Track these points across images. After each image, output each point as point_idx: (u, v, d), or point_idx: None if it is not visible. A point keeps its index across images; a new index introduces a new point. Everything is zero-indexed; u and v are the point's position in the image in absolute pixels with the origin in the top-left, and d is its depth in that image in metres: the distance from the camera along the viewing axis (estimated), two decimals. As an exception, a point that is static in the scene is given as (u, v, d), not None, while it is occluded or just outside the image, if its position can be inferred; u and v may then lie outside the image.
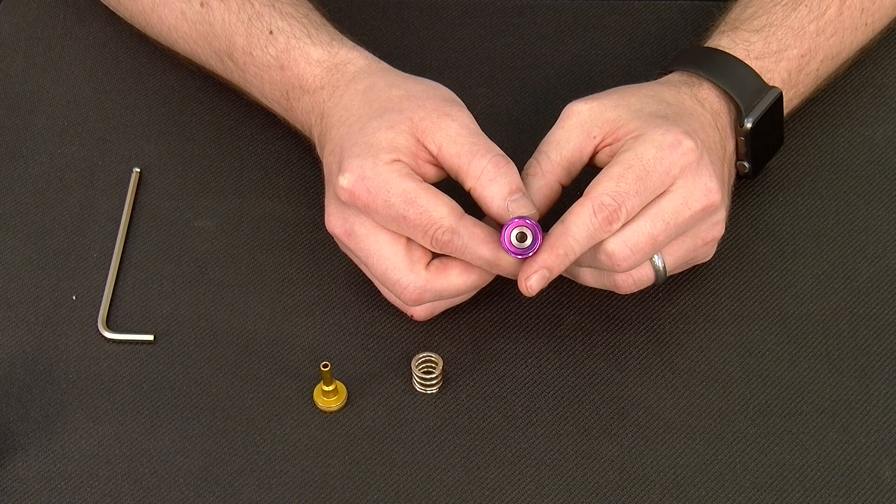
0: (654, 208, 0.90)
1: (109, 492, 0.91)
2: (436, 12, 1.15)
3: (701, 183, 0.91)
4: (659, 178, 0.90)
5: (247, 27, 1.01)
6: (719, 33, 1.01)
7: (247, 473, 0.92)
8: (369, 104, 0.95)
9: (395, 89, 0.95)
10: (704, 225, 0.93)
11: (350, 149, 0.92)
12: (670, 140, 0.90)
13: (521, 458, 0.92)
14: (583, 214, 0.89)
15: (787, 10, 1.01)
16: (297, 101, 1.00)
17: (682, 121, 0.93)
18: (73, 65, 1.13)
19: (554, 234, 0.90)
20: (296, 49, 0.99)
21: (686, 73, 0.98)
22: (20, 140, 1.08)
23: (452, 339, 0.97)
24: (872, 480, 0.90)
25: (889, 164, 1.05)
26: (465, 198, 0.92)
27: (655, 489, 0.90)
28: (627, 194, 0.89)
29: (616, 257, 0.90)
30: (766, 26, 1.00)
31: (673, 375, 0.95)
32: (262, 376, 0.96)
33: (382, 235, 0.92)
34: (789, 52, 1.00)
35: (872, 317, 0.97)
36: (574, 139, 0.93)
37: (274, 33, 1.00)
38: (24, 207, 1.05)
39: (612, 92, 0.96)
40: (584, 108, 0.94)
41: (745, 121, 0.97)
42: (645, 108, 0.93)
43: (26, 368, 0.96)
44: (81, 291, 1.00)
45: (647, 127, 0.91)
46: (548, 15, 1.15)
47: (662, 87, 0.97)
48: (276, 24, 1.00)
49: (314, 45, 0.99)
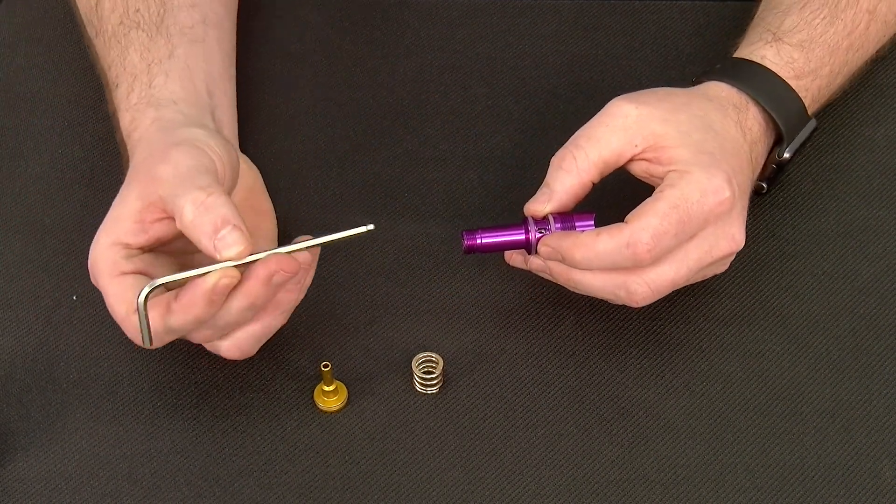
0: (681, 253, 0.90)
1: (109, 492, 0.91)
2: (436, 12, 1.15)
3: (728, 233, 0.91)
4: (696, 225, 0.90)
5: (108, 72, 1.01)
6: (763, 42, 0.99)
7: (247, 474, 0.92)
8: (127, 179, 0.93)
9: (145, 152, 0.93)
10: (720, 263, 0.94)
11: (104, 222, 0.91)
12: (714, 186, 0.89)
13: (521, 458, 0.92)
14: (617, 237, 0.88)
15: (826, 24, 1.00)
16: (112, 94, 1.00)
17: (725, 160, 0.91)
18: (73, 65, 1.13)
19: (582, 238, 0.89)
20: (119, 111, 0.99)
21: (734, 89, 0.96)
22: (20, 140, 1.08)
23: (452, 339, 0.97)
24: (873, 481, 0.90)
25: (889, 164, 1.05)
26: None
27: (656, 489, 0.90)
28: (666, 235, 0.88)
29: (636, 296, 0.90)
30: (805, 41, 0.99)
31: (673, 375, 0.95)
32: (263, 376, 0.96)
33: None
34: (822, 70, 0.99)
35: (873, 317, 0.97)
36: (616, 142, 0.92)
37: (117, 87, 0.99)
38: (24, 207, 1.04)
39: (661, 98, 0.94)
40: (632, 111, 0.92)
41: (785, 151, 0.97)
42: (693, 133, 0.92)
43: (26, 368, 0.96)
44: (82, 291, 1.00)
45: (694, 164, 0.90)
46: (548, 15, 1.15)
47: (710, 105, 0.95)
48: (119, 78, 0.99)
49: (126, 111, 0.97)
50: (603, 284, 0.91)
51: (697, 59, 1.11)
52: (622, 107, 0.93)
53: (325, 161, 1.06)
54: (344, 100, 1.10)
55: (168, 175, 0.88)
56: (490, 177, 1.05)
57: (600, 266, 0.90)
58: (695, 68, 1.10)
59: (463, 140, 1.08)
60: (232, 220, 0.85)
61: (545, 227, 0.93)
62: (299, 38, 1.14)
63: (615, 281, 0.90)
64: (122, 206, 0.90)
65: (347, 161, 1.06)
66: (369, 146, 1.07)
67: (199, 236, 0.85)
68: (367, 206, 1.04)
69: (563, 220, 0.92)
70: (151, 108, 0.96)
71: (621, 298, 0.91)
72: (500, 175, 1.05)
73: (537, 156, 1.06)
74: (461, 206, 1.04)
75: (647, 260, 0.89)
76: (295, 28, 1.15)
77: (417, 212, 1.04)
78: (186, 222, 0.85)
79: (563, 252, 0.90)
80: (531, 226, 0.93)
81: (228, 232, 0.84)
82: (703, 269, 0.92)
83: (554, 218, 0.92)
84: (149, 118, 0.95)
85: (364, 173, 1.06)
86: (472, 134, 1.08)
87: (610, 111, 0.93)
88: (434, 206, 1.04)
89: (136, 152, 0.94)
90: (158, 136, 0.93)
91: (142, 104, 0.96)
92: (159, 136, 0.93)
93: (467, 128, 1.08)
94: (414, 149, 1.07)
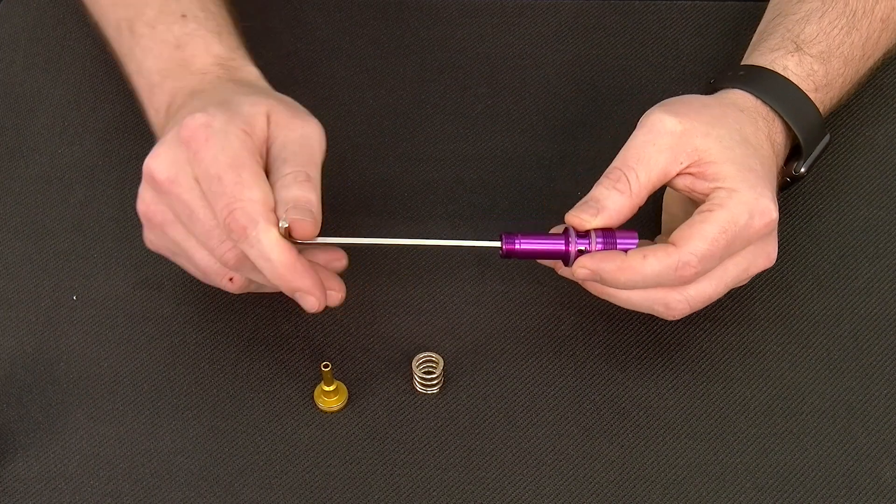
0: (720, 271, 0.90)
1: (109, 492, 0.91)
2: (436, 12, 1.15)
3: (766, 252, 0.91)
4: (740, 245, 0.89)
5: (162, 3, 1.00)
6: (785, 51, 0.98)
7: (247, 473, 0.92)
8: (239, 89, 0.94)
9: (264, 89, 0.95)
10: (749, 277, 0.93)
11: (213, 104, 0.90)
12: (762, 207, 0.89)
13: (521, 458, 0.92)
14: (665, 262, 0.87)
15: (844, 34, 0.99)
16: (174, 80, 0.97)
17: (767, 178, 0.91)
18: (73, 65, 1.13)
19: (629, 261, 0.88)
20: (201, 38, 0.98)
21: (760, 101, 0.95)
22: (20, 140, 1.08)
23: (453, 339, 0.97)
24: (873, 481, 0.90)
25: (890, 164, 1.05)
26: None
27: (656, 489, 0.90)
28: (713, 258, 0.88)
29: (675, 311, 0.90)
30: (825, 53, 0.98)
31: (673, 375, 0.95)
32: (263, 376, 0.96)
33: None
34: (836, 82, 0.99)
35: (873, 317, 0.97)
36: (662, 161, 0.90)
37: (187, 17, 0.98)
38: (24, 207, 1.04)
39: (698, 109, 0.92)
40: (676, 127, 0.90)
41: (802, 166, 0.97)
42: (735, 148, 0.90)
43: (27, 368, 0.96)
44: (82, 291, 1.00)
45: (741, 182, 0.89)
46: (548, 15, 1.15)
47: (743, 117, 0.94)
48: (192, 12, 0.99)
49: (219, 43, 0.98)
50: (642, 300, 0.90)
51: (697, 59, 1.11)
52: (665, 121, 0.90)
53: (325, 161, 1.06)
54: (344, 100, 1.10)
55: (293, 138, 0.89)
56: (490, 177, 1.05)
57: (644, 287, 0.89)
58: (695, 68, 1.10)
59: (463, 140, 1.08)
60: (311, 202, 0.87)
61: (586, 241, 0.89)
62: (299, 38, 1.14)
63: (654, 296, 0.89)
64: (254, 114, 0.89)
65: (347, 161, 1.06)
66: (369, 146, 1.07)
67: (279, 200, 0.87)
68: (367, 206, 1.04)
69: (606, 237, 0.89)
70: (251, 63, 0.97)
71: (658, 312, 0.91)
72: (500, 175, 1.05)
73: (537, 156, 1.06)
74: (461, 206, 1.04)
75: (691, 281, 0.88)
76: (295, 28, 1.15)
77: (417, 212, 1.04)
78: (279, 186, 0.87)
79: (606, 275, 0.88)
80: (572, 237, 0.90)
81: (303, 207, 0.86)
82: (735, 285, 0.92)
83: (596, 233, 0.89)
84: (256, 71, 0.97)
85: (364, 173, 1.06)
86: (472, 134, 1.08)
87: (653, 127, 0.90)
88: (434, 206, 1.04)
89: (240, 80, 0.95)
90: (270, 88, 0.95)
91: (242, 51, 0.98)
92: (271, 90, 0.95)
93: (467, 128, 1.08)
94: (414, 149, 1.07)
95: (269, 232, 0.85)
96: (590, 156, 0.96)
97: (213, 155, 0.86)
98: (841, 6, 1.00)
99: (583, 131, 1.08)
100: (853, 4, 1.00)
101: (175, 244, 0.91)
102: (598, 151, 0.95)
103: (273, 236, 0.85)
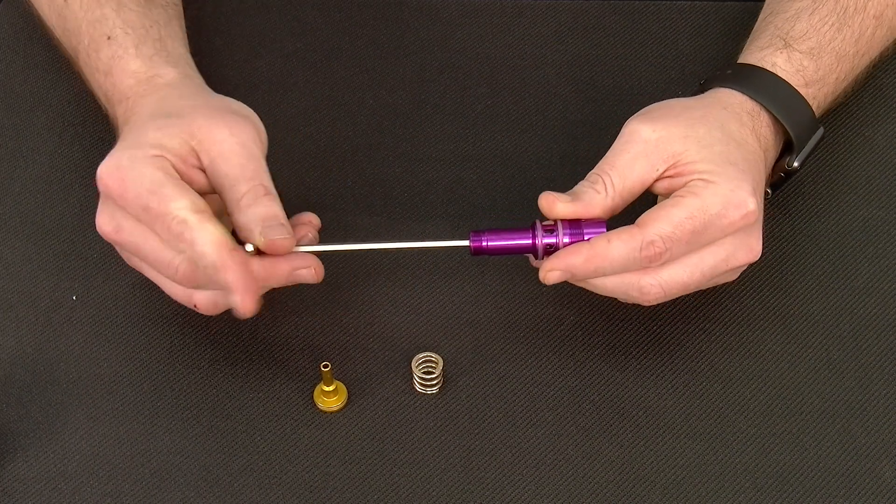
0: (696, 258, 0.90)
1: (109, 492, 0.91)
2: (436, 12, 1.15)
3: (747, 244, 0.91)
4: (714, 234, 0.89)
5: (92, 29, 1.01)
6: (773, 49, 0.98)
7: (247, 473, 0.92)
8: (158, 110, 0.94)
9: (188, 99, 0.94)
10: (733, 272, 0.93)
11: (119, 144, 0.91)
12: (738, 199, 0.89)
13: (521, 458, 0.92)
14: (630, 244, 0.88)
15: (834, 31, 0.99)
16: (112, 109, 0.99)
17: (749, 172, 0.91)
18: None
19: (594, 249, 0.88)
20: (120, 58, 0.99)
21: (747, 98, 0.95)
22: (20, 140, 1.08)
23: (452, 339, 0.97)
24: (873, 481, 0.90)
25: (889, 164, 1.05)
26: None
27: (656, 489, 0.90)
28: (679, 242, 0.88)
29: (649, 296, 0.90)
30: (815, 49, 0.98)
31: (673, 375, 0.95)
32: (263, 376, 0.96)
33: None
34: (830, 78, 0.99)
35: (873, 317, 0.97)
36: (638, 169, 0.90)
37: (111, 39, 0.99)
38: (24, 207, 1.04)
39: (678, 113, 0.93)
40: (651, 135, 0.91)
41: (795, 160, 0.97)
42: (715, 146, 0.91)
43: (26, 368, 0.96)
44: (81, 291, 1.00)
45: (718, 176, 0.89)
46: (548, 15, 1.15)
47: (726, 114, 0.94)
48: (114, 31, 1.00)
49: (137, 57, 0.98)
50: (616, 286, 0.90)
51: (697, 59, 1.11)
52: (640, 131, 0.91)
53: (325, 161, 1.06)
54: (344, 100, 1.10)
55: (228, 149, 0.90)
56: (490, 177, 1.05)
57: (613, 272, 0.89)
58: (695, 68, 1.10)
59: (463, 140, 1.08)
60: (279, 216, 0.89)
61: (553, 234, 0.90)
62: (299, 38, 1.14)
63: (628, 280, 0.90)
64: (161, 137, 0.90)
65: (347, 161, 1.06)
66: (369, 146, 1.07)
67: (246, 223, 0.88)
68: (368, 206, 1.04)
69: (572, 227, 0.90)
70: (169, 65, 0.97)
71: (633, 298, 0.91)
72: (500, 175, 1.05)
73: (537, 156, 1.06)
74: (461, 206, 1.04)
75: (658, 262, 0.89)
76: (295, 28, 1.15)
77: (417, 212, 1.04)
78: (242, 206, 0.88)
79: (576, 271, 0.89)
80: (538, 231, 0.91)
81: (277, 224, 0.88)
82: (716, 277, 0.92)
83: (563, 224, 0.90)
84: (176, 70, 0.97)
85: (364, 173, 1.06)
86: (472, 134, 1.08)
87: (629, 137, 0.91)
88: (434, 206, 1.04)
89: (160, 92, 0.95)
90: (197, 91, 0.96)
91: (159, 57, 0.98)
92: (198, 91, 0.96)
93: (467, 128, 1.08)
94: (414, 149, 1.07)
95: (203, 229, 0.86)
96: (590, 156, 0.96)
97: (134, 191, 0.88)
98: (831, 3, 1.00)
99: (583, 131, 1.08)
100: (843, 2, 1.00)
101: (152, 279, 0.93)
102: (598, 151, 0.95)
103: (207, 232, 0.86)
